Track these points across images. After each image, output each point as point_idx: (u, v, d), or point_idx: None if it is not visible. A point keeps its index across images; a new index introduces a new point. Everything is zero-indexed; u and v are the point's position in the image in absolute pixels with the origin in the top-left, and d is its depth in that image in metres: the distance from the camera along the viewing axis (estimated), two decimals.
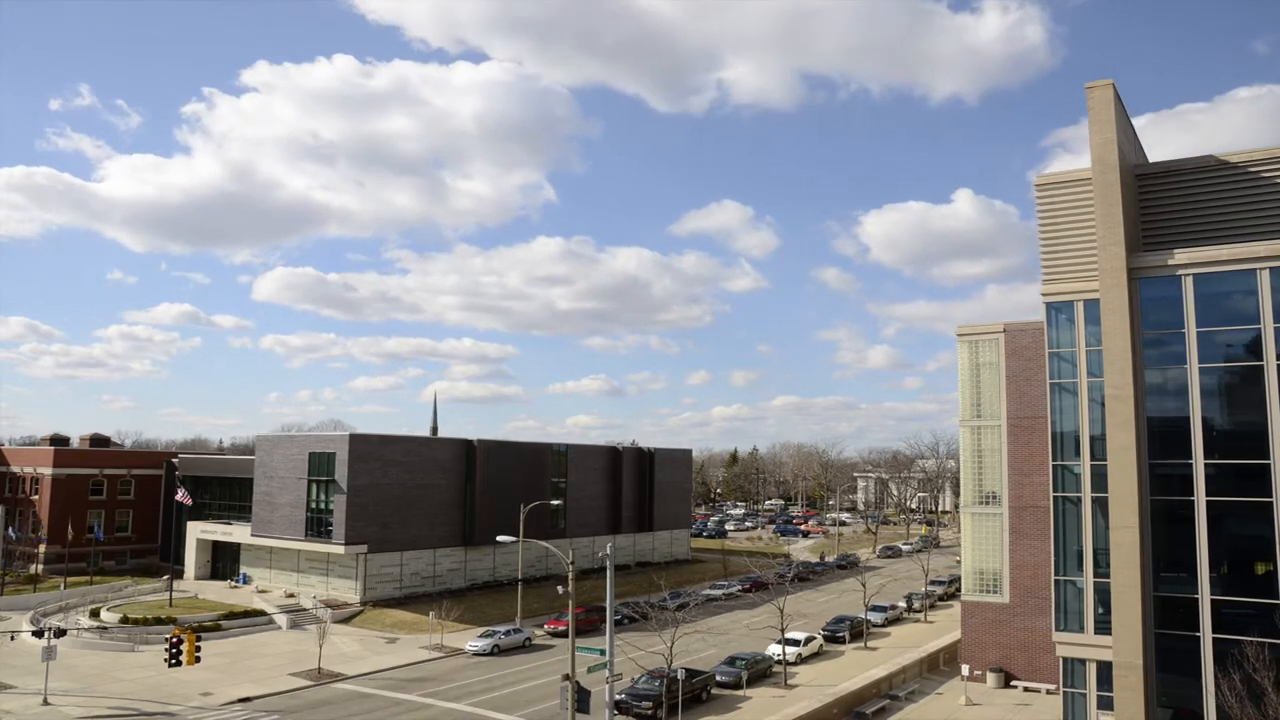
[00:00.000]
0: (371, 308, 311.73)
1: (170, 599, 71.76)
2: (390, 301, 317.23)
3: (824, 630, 62.94)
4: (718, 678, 49.65)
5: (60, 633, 49.51)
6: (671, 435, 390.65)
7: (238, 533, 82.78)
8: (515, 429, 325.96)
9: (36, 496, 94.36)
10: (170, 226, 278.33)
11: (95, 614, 66.86)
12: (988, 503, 50.53)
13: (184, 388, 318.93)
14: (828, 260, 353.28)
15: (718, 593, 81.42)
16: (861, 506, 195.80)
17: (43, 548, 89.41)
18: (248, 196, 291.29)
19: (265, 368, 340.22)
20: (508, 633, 60.83)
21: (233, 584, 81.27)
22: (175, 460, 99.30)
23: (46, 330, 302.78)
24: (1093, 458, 36.45)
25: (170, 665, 43.90)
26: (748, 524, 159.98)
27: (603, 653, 36.42)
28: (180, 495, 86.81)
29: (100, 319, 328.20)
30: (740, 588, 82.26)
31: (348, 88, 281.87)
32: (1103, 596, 36.00)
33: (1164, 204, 37.71)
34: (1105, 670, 34.89)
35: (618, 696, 41.47)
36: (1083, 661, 37.38)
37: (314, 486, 74.16)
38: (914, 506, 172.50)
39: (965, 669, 49.20)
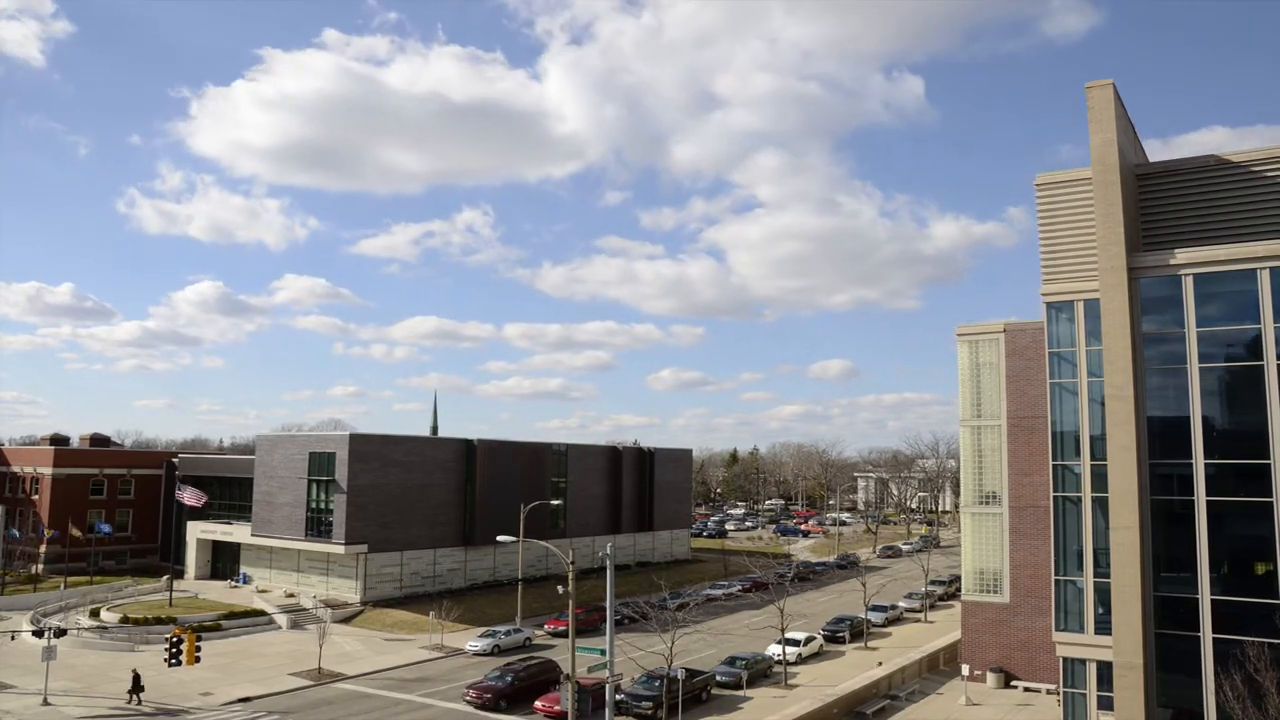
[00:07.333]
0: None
1: (170, 599, 71.79)
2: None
3: (824, 630, 62.94)
4: (718, 678, 49.66)
5: (60, 632, 49.53)
6: (709, 435, 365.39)
7: (238, 533, 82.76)
8: (556, 427, 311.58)
9: (37, 496, 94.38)
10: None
11: (95, 614, 66.86)
12: (988, 503, 50.53)
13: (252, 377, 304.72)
14: None
15: (718, 593, 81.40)
16: (861, 506, 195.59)
17: (43, 548, 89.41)
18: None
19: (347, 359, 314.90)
20: (508, 633, 60.84)
21: (233, 584, 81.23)
22: (175, 460, 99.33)
23: (105, 307, 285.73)
24: (1093, 458, 36.43)
25: (170, 665, 43.94)
26: (748, 524, 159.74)
27: (603, 653, 36.43)
28: (189, 497, 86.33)
29: (161, 288, 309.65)
30: (740, 588, 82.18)
31: None
32: (1103, 596, 35.99)
33: (1164, 204, 37.69)
34: (1105, 670, 34.88)
35: (618, 696, 41.46)
36: (1083, 661, 37.37)
37: (314, 486, 74.15)
38: (914, 506, 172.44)
39: (965, 669, 49.21)
